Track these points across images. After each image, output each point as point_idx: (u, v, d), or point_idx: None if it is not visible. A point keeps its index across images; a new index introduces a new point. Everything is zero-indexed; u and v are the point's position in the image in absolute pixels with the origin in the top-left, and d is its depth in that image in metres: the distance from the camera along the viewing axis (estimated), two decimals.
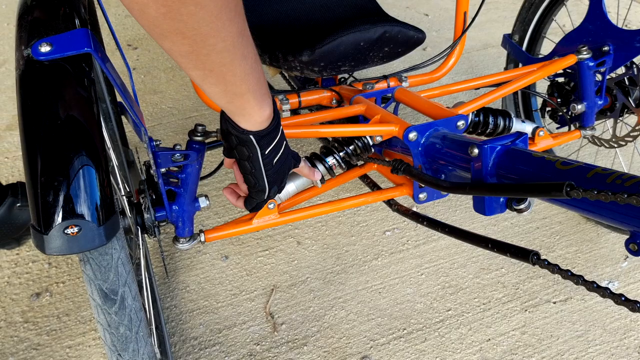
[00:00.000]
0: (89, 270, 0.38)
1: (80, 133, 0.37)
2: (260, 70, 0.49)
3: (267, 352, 0.77)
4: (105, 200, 0.37)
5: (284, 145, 0.59)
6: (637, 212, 0.43)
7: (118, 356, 0.42)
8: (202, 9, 0.37)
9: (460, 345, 0.79)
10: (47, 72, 0.38)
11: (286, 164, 0.61)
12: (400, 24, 0.82)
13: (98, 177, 0.37)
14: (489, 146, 0.57)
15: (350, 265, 0.91)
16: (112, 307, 0.40)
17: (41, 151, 0.36)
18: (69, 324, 0.80)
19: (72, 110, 0.38)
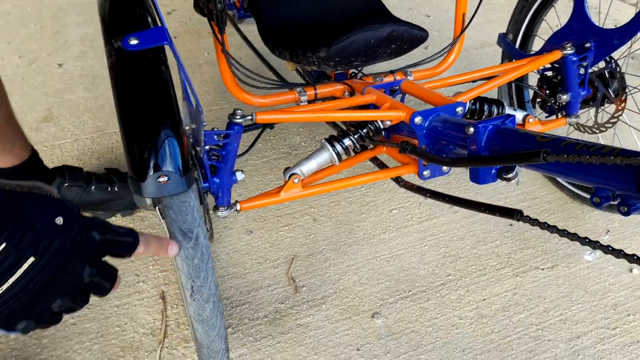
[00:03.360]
0: (172, 213, 0.49)
1: (163, 108, 0.48)
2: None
3: (290, 309, 0.89)
4: (184, 159, 0.48)
5: (24, 270, 0.39)
6: (597, 170, 0.54)
7: (192, 282, 0.52)
8: None
9: (459, 304, 0.90)
10: (135, 60, 0.50)
11: (44, 291, 0.40)
12: (405, 24, 0.92)
13: (178, 142, 0.48)
14: (483, 125, 0.68)
15: (361, 239, 1.02)
16: (189, 243, 0.51)
17: (135, 121, 0.47)
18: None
19: (156, 90, 0.49)
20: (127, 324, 0.86)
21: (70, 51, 1.64)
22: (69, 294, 0.41)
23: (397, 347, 0.83)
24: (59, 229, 0.40)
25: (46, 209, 0.40)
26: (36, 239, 0.39)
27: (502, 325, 0.87)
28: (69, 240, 0.41)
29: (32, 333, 0.84)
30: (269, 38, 0.96)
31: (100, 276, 0.43)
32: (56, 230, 0.40)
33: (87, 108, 1.38)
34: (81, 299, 0.42)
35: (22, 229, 0.38)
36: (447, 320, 0.87)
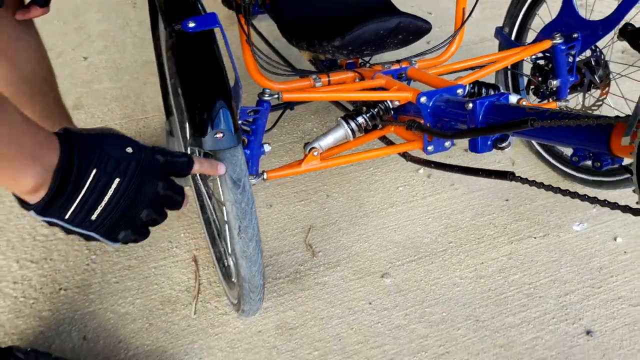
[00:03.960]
0: (227, 164, 0.60)
1: (217, 79, 0.59)
2: (10, 140, 0.44)
3: (308, 270, 0.99)
4: (234, 120, 0.58)
5: (113, 190, 0.49)
6: (575, 133, 0.64)
7: (239, 223, 0.63)
8: None
9: (459, 266, 1.00)
10: (193, 40, 0.60)
11: (134, 204, 0.50)
12: (411, 16, 1.03)
13: (229, 107, 0.59)
14: (480, 101, 0.78)
15: (371, 212, 1.12)
16: (237, 189, 0.61)
17: (195, 90, 0.58)
18: (152, 252, 1.02)
19: (211, 65, 0.59)
20: (164, 283, 0.96)
21: (93, 45, 1.75)
22: (152, 205, 0.51)
23: (405, 302, 0.94)
24: (131, 155, 0.49)
25: (117, 142, 0.50)
26: (117, 164, 0.48)
27: (498, 284, 0.97)
28: (141, 162, 0.50)
29: (71, 302, 0.95)
30: (287, 30, 1.07)
31: (172, 190, 0.52)
32: (129, 156, 0.49)
33: (113, 97, 1.48)
34: (161, 212, 0.52)
35: (104, 158, 0.48)
36: (449, 280, 0.98)
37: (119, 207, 0.49)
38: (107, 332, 0.89)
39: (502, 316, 0.92)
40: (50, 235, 1.05)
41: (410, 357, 0.86)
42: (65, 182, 0.46)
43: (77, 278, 0.97)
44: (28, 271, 0.99)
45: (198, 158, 0.56)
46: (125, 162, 0.48)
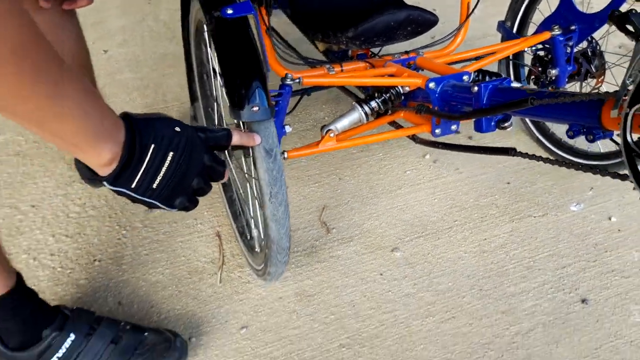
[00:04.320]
0: (261, 136, 0.67)
1: (253, 59, 0.66)
2: (95, 115, 0.50)
3: (323, 245, 1.06)
4: (267, 97, 0.66)
5: (169, 162, 0.56)
6: (570, 110, 0.71)
7: (271, 189, 0.70)
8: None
9: (464, 242, 1.07)
10: (231, 24, 0.67)
11: (187, 173, 0.58)
12: (420, 9, 1.10)
13: (263, 84, 0.66)
14: (484, 84, 0.85)
15: (381, 193, 1.20)
16: (269, 158, 0.68)
17: (234, 69, 0.65)
18: (178, 228, 1.09)
19: (247, 47, 0.67)
20: (191, 255, 1.04)
21: (113, 39, 1.82)
22: (200, 175, 0.60)
23: (413, 273, 1.01)
24: (180, 133, 0.58)
25: (167, 123, 0.58)
26: (170, 140, 0.57)
27: (500, 258, 1.04)
28: (188, 138, 0.58)
29: (105, 272, 1.02)
30: (303, 22, 1.14)
31: (215, 161, 0.61)
32: (178, 134, 0.58)
33: (134, 87, 1.56)
34: (207, 182, 0.61)
35: (159, 135, 0.56)
36: (454, 254, 1.05)
37: (174, 176, 0.57)
38: (140, 298, 0.96)
39: (504, 286, 0.99)
40: (82, 212, 1.13)
41: (419, 321, 0.93)
42: (131, 156, 0.54)
43: (109, 250, 1.05)
44: (63, 244, 1.06)
45: (236, 130, 0.65)
46: (177, 139, 0.57)
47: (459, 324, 0.93)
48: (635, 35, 0.65)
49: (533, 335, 0.91)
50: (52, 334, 0.77)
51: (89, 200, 1.16)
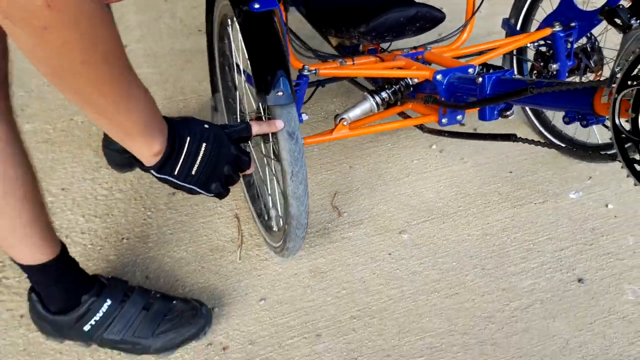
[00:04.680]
0: (284, 119, 0.74)
1: (278, 49, 0.73)
2: (150, 113, 0.59)
3: (335, 227, 1.13)
4: (290, 83, 0.73)
5: (203, 151, 0.66)
6: (566, 97, 0.77)
7: (292, 168, 0.77)
8: (82, 75, 0.49)
9: (467, 226, 1.14)
10: (258, 17, 0.74)
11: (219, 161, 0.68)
12: (428, 6, 1.17)
13: (286, 72, 0.73)
14: (488, 76, 0.92)
15: (389, 180, 1.26)
16: (292, 140, 0.75)
17: (261, 57, 0.72)
18: (199, 210, 1.17)
19: (273, 38, 0.74)
20: (212, 234, 1.11)
21: (131, 35, 1.90)
22: (230, 163, 0.70)
23: (420, 253, 1.08)
24: (208, 129, 0.68)
25: (197, 121, 0.68)
26: (201, 134, 0.67)
27: (501, 240, 1.11)
28: (215, 133, 0.69)
29: (132, 249, 1.09)
30: (317, 18, 1.21)
31: (240, 152, 0.70)
32: (208, 129, 0.68)
33: (153, 81, 1.63)
34: (236, 170, 0.70)
35: (192, 131, 0.66)
36: (458, 236, 1.12)
37: (209, 164, 0.67)
38: (166, 273, 1.04)
39: (505, 266, 1.06)
40: (109, 195, 1.21)
41: (425, 296, 1.00)
42: (172, 148, 0.64)
43: (136, 230, 1.12)
44: (93, 224, 1.14)
45: (255, 122, 0.74)
46: (207, 133, 0.67)
47: (462, 300, 0.99)
48: (623, 28, 0.71)
49: (532, 311, 0.98)
50: (90, 299, 0.84)
51: (116, 184, 1.23)
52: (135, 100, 0.57)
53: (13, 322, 0.96)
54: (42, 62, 0.48)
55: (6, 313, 0.97)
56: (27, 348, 0.92)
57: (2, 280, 1.03)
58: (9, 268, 1.05)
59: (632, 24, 0.70)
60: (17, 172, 0.69)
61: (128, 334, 0.85)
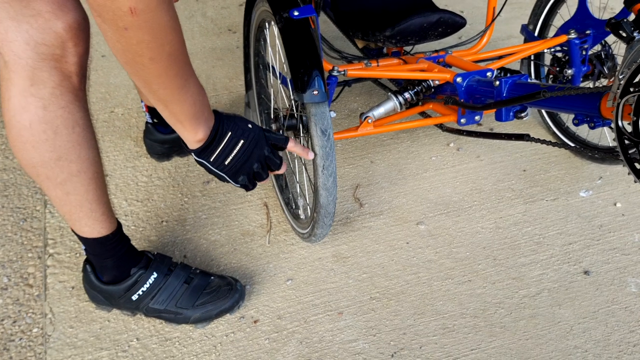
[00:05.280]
0: (316, 116, 0.83)
1: (314, 53, 0.82)
2: (199, 105, 0.69)
3: (357, 217, 1.22)
4: (325, 83, 0.82)
5: (239, 147, 0.76)
6: (576, 101, 0.84)
7: (324, 162, 0.86)
8: (149, 69, 0.60)
9: (481, 219, 1.21)
10: (297, 24, 0.83)
11: (250, 158, 0.78)
12: (450, 12, 1.24)
13: (321, 73, 0.82)
14: (505, 79, 0.99)
15: (408, 175, 1.34)
16: (324, 137, 0.84)
17: (299, 60, 0.81)
18: (231, 198, 1.26)
19: (310, 42, 0.82)
20: (243, 220, 1.21)
21: None
22: (260, 161, 0.80)
23: (436, 243, 1.16)
24: (251, 129, 0.78)
25: (243, 120, 0.78)
26: (242, 132, 0.77)
27: (513, 233, 1.18)
28: (256, 133, 0.79)
29: (171, 231, 1.19)
30: (344, 22, 1.29)
31: (273, 154, 0.81)
32: (250, 129, 0.78)
33: None
34: (265, 169, 0.81)
35: (235, 127, 0.77)
36: (472, 229, 1.19)
37: (241, 158, 0.78)
38: (202, 253, 1.14)
39: (516, 257, 1.13)
40: (149, 182, 1.31)
41: (439, 282, 1.08)
42: (214, 138, 0.75)
43: (174, 214, 1.23)
44: (135, 208, 1.24)
45: (293, 140, 0.85)
46: (247, 132, 0.78)
47: (474, 287, 1.07)
48: (627, 39, 0.78)
49: (539, 298, 1.05)
50: (138, 272, 0.94)
51: (155, 172, 1.33)
52: (188, 94, 0.67)
53: (65, 293, 1.06)
54: (120, 53, 0.60)
55: (59, 284, 1.08)
56: (78, 315, 1.02)
57: (54, 255, 1.14)
58: (60, 245, 1.16)
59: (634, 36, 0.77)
60: (89, 154, 0.79)
61: (171, 305, 0.95)
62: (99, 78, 1.67)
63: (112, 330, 0.99)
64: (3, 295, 1.07)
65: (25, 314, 1.04)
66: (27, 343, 0.99)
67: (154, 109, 1.26)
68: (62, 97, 0.75)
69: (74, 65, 0.75)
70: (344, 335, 0.99)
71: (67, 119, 0.76)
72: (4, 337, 1.00)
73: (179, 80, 0.65)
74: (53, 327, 1.00)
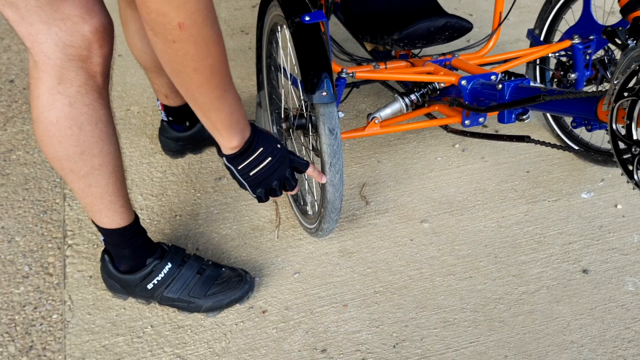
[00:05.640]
0: (325, 116, 0.87)
1: (324, 56, 0.86)
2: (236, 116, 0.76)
3: (363, 214, 1.26)
4: (333, 85, 0.86)
5: (266, 163, 0.83)
6: (574, 105, 0.87)
7: (331, 159, 0.90)
8: (192, 78, 0.66)
9: (484, 218, 1.25)
10: (308, 28, 0.88)
11: (272, 175, 0.84)
12: (456, 17, 1.28)
13: (330, 75, 0.86)
14: (507, 83, 1.03)
15: (414, 175, 1.38)
16: (331, 135, 0.88)
17: (309, 62, 0.86)
18: (242, 194, 1.31)
19: (320, 46, 0.87)
20: (253, 216, 1.25)
21: None
22: (279, 180, 0.86)
23: (439, 240, 1.20)
24: (279, 149, 0.85)
25: (275, 140, 0.85)
26: (271, 150, 0.83)
27: (514, 232, 1.22)
28: (283, 154, 0.85)
29: (184, 225, 1.25)
30: (354, 25, 1.33)
31: (292, 177, 0.87)
32: (278, 149, 0.85)
33: None
34: (281, 188, 0.87)
35: (267, 145, 0.83)
36: (475, 227, 1.23)
37: (265, 173, 0.85)
38: (214, 246, 1.19)
39: (516, 255, 1.16)
40: (163, 178, 1.36)
41: (442, 278, 1.12)
42: (246, 150, 0.81)
43: (187, 209, 1.28)
44: (150, 202, 1.30)
45: (312, 165, 0.92)
46: (276, 151, 0.84)
47: (475, 282, 1.11)
48: (621, 47, 0.81)
49: (538, 295, 1.08)
50: (154, 262, 0.99)
51: (169, 169, 1.39)
52: (226, 104, 0.74)
53: (83, 282, 1.12)
54: (166, 63, 0.66)
55: (77, 273, 1.14)
56: (95, 303, 1.08)
57: (72, 246, 1.19)
58: (78, 236, 1.22)
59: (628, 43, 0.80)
60: (110, 149, 0.84)
61: (184, 294, 1.00)
62: (115, 77, 1.73)
63: (127, 318, 1.04)
64: (24, 283, 1.13)
65: (46, 301, 1.09)
66: (47, 328, 1.04)
67: (170, 107, 1.32)
68: (87, 95, 0.80)
69: (99, 65, 0.80)
70: (348, 326, 1.03)
71: (91, 116, 0.81)
72: (26, 322, 1.05)
73: (218, 91, 0.71)
74: (72, 314, 1.06)
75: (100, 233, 0.98)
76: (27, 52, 0.79)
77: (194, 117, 1.36)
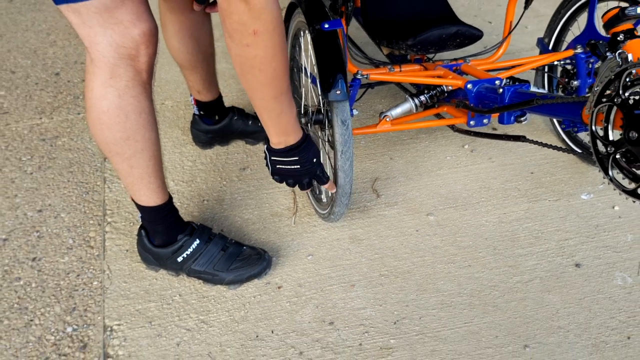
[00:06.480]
0: (338, 109, 0.99)
1: (340, 59, 0.98)
2: (284, 119, 0.91)
3: (373, 206, 1.37)
4: (346, 85, 0.97)
5: (293, 167, 1.00)
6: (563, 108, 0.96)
7: (342, 147, 1.02)
8: (256, 77, 0.81)
9: (486, 214, 1.34)
10: (327, 34, 0.99)
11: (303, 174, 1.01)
12: (468, 26, 1.37)
13: (344, 76, 0.98)
14: (507, 87, 1.12)
15: (423, 172, 1.48)
16: (343, 126, 1.00)
17: (326, 65, 0.97)
18: (264, 183, 1.44)
19: (337, 51, 0.98)
20: (273, 203, 1.38)
21: None
22: (299, 182, 1.03)
23: (442, 232, 1.30)
24: (313, 163, 1.01)
25: (316, 152, 1.01)
26: (304, 162, 0.99)
27: (514, 228, 1.30)
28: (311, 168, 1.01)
29: (211, 209, 1.37)
30: (371, 30, 1.44)
31: (307, 183, 1.04)
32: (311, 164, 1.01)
33: (229, 75, 1.92)
34: (310, 183, 1.05)
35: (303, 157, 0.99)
36: (477, 221, 1.32)
37: (286, 173, 1.03)
38: (236, 229, 1.31)
39: (514, 248, 1.25)
40: (193, 166, 1.50)
41: (443, 265, 1.22)
42: (284, 151, 0.97)
43: (214, 195, 1.41)
44: (180, 187, 1.43)
45: (330, 180, 1.08)
46: (307, 164, 1.00)
47: (473, 271, 1.20)
48: (602, 58, 0.90)
49: (531, 284, 1.17)
50: (184, 238, 1.12)
51: (198, 158, 1.52)
52: (278, 105, 0.88)
53: (120, 254, 1.26)
54: (237, 63, 0.81)
55: (115, 247, 1.28)
56: (131, 273, 1.22)
57: (111, 223, 1.34)
58: (116, 215, 1.36)
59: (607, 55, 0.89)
60: (151, 136, 0.98)
61: (209, 267, 1.13)
62: None
63: (159, 287, 1.18)
64: (69, 254, 1.27)
65: (87, 269, 1.24)
66: (88, 293, 1.19)
67: (202, 102, 1.45)
68: (133, 89, 0.93)
69: (145, 64, 0.93)
70: (354, 303, 1.14)
71: (137, 106, 0.95)
72: (70, 287, 1.20)
73: (275, 91, 0.85)
74: (110, 282, 1.20)
75: (138, 210, 1.11)
76: (85, 51, 0.92)
77: (223, 112, 1.49)
